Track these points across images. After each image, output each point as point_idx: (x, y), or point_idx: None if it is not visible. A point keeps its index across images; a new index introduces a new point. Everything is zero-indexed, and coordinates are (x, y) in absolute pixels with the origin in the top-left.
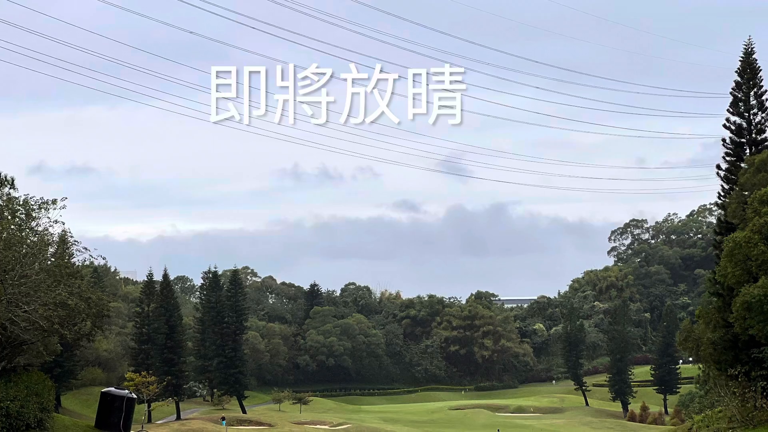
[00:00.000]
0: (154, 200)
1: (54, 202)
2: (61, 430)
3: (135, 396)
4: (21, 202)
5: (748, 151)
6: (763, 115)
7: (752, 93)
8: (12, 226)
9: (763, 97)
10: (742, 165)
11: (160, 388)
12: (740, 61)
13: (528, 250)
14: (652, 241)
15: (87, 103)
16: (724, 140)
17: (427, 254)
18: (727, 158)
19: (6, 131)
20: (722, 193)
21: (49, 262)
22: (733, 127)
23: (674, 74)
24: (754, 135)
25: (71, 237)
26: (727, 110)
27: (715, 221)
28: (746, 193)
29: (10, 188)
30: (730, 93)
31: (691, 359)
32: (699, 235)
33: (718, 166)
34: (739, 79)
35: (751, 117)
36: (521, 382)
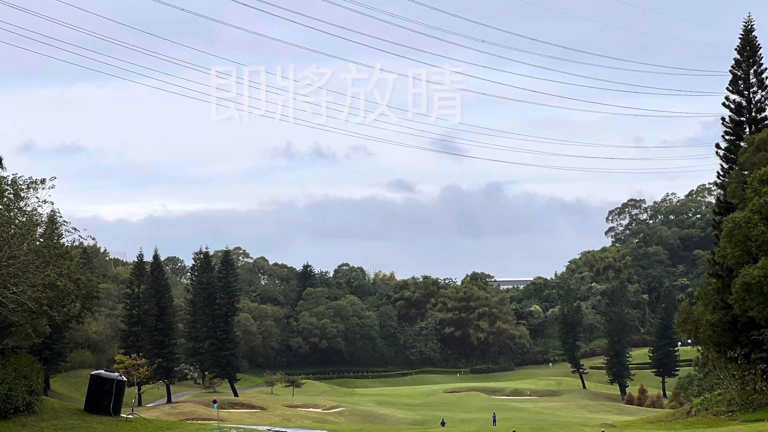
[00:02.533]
0: (144, 179)
1: (43, 181)
2: (49, 413)
3: (125, 379)
4: (9, 182)
5: (747, 130)
6: (763, 93)
7: (752, 71)
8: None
9: (763, 75)
10: (742, 144)
11: (151, 370)
12: (740, 38)
13: (524, 230)
14: (651, 222)
15: (76, 81)
16: (723, 119)
17: (421, 235)
18: (727, 137)
19: None
20: (721, 173)
21: (37, 243)
22: (732, 106)
23: (673, 52)
24: (753, 113)
25: (60, 217)
26: (727, 88)
27: (714, 201)
28: (746, 172)
29: None
30: (730, 71)
31: (690, 341)
32: (698, 215)
33: (718, 145)
34: (738, 57)
35: (751, 95)
36: (517, 364)
